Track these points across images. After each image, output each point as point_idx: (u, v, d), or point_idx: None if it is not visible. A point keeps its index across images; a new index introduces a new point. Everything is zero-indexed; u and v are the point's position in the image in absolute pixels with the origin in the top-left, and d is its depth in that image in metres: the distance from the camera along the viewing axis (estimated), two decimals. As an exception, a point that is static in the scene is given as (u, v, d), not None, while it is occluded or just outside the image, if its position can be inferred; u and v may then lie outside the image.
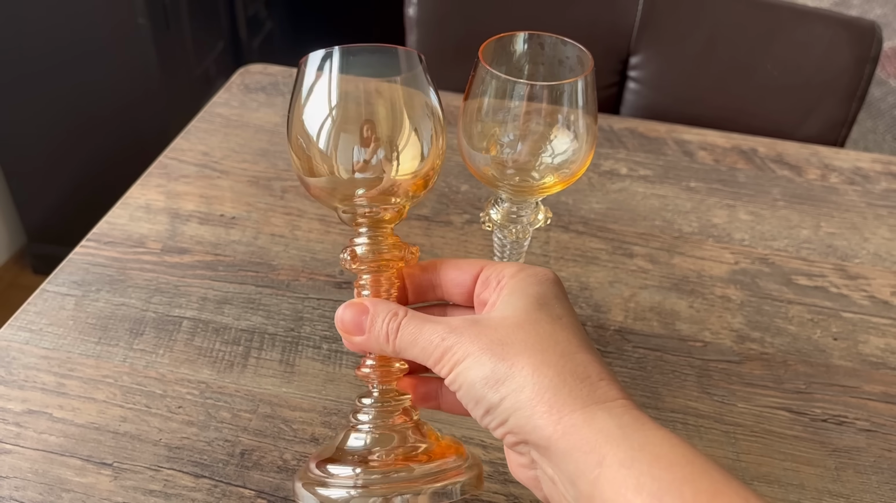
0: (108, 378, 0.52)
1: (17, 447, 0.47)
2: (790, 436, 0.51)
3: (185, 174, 0.70)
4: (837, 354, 0.57)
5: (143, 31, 1.41)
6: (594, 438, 0.30)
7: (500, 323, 0.34)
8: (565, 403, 0.31)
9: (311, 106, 0.37)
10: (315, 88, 0.37)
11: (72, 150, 1.57)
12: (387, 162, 0.37)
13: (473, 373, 0.33)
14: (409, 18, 0.93)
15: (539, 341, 0.33)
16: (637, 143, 0.78)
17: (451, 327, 0.34)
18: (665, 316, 0.59)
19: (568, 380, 0.32)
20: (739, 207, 0.71)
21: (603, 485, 0.29)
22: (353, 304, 0.37)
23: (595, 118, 0.46)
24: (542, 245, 0.65)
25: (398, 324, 0.35)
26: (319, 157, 0.37)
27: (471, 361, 0.33)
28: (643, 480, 0.28)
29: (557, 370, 0.32)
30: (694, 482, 0.28)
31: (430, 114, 0.38)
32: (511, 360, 0.32)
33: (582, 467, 0.30)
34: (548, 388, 0.31)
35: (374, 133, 0.37)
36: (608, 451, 0.29)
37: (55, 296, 0.57)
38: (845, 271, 0.64)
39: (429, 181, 0.39)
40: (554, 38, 0.46)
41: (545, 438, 0.31)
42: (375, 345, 0.36)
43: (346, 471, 0.36)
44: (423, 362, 0.35)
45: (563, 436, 0.30)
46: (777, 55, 0.89)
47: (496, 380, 0.32)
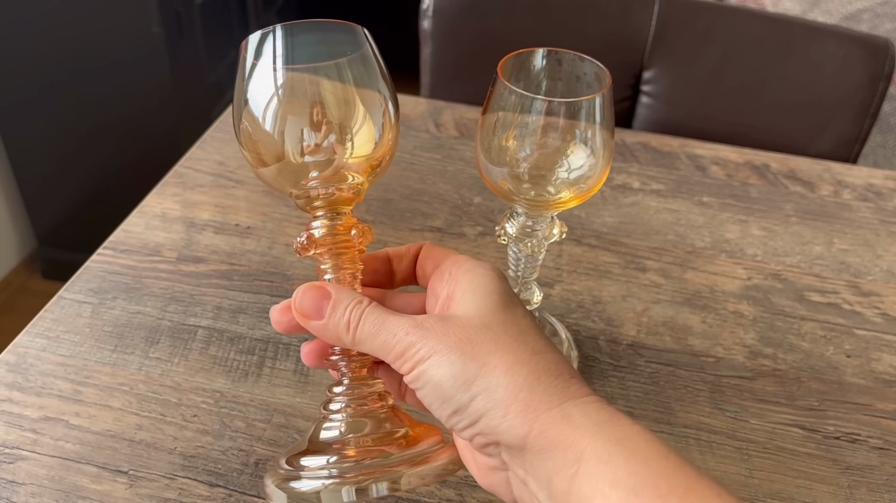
0: (124, 386, 0.52)
1: (33, 454, 0.47)
2: (803, 454, 0.51)
3: (200, 183, 0.71)
4: (850, 372, 0.57)
5: (157, 40, 1.42)
6: (571, 435, 0.30)
7: (466, 321, 0.33)
8: (541, 401, 0.31)
9: (256, 89, 0.35)
10: (258, 71, 0.35)
11: (83, 155, 1.59)
12: (339, 145, 0.35)
13: (441, 371, 0.32)
14: (424, 31, 0.94)
15: (509, 341, 0.32)
16: (650, 158, 0.79)
17: (415, 322, 0.33)
18: (678, 331, 0.59)
19: (542, 378, 0.31)
20: (752, 223, 0.71)
21: (580, 481, 0.29)
22: (314, 287, 0.35)
23: (612, 134, 0.46)
24: (555, 258, 0.65)
25: (361, 313, 0.34)
26: (268, 144, 0.35)
27: (438, 359, 0.32)
28: (620, 474, 0.28)
29: (531, 368, 0.32)
30: (669, 477, 0.28)
31: (381, 93, 0.36)
32: (482, 360, 0.31)
33: (559, 464, 0.30)
34: (522, 387, 0.31)
35: (325, 116, 0.35)
36: (586, 447, 0.29)
37: (72, 303, 0.58)
38: (858, 288, 0.64)
39: (383, 161, 0.37)
40: (572, 54, 0.47)
41: (520, 437, 0.30)
42: (333, 333, 0.34)
43: (318, 461, 0.34)
44: (382, 356, 0.34)
45: (540, 434, 0.30)
46: (790, 71, 0.89)
47: (466, 379, 0.31)
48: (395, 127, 0.37)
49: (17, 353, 0.54)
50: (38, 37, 1.43)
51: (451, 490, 0.47)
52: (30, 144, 1.59)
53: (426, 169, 0.75)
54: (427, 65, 0.96)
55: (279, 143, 0.35)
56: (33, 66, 1.47)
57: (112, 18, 1.40)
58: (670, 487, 0.28)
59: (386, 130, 0.37)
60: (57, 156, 1.59)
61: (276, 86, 0.35)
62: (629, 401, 0.54)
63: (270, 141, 0.35)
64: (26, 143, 1.58)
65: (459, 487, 0.47)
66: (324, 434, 0.36)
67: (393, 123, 0.37)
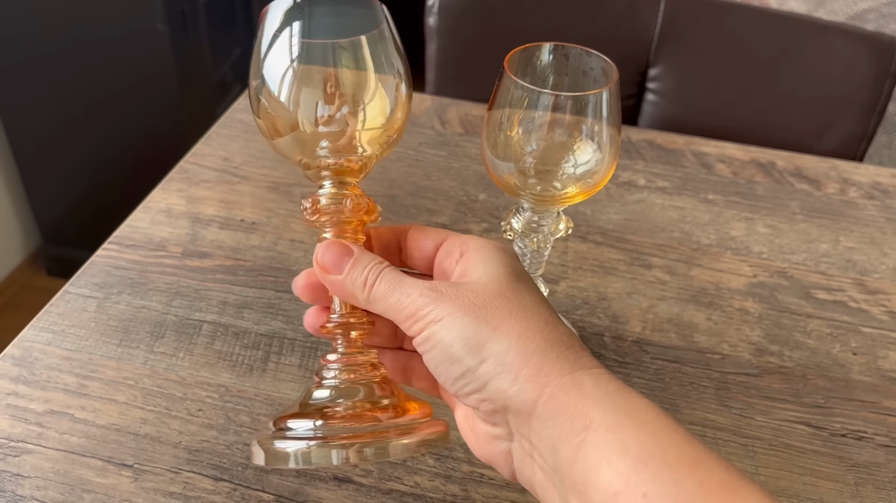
0: (129, 380, 0.52)
1: (38, 447, 0.47)
2: (809, 451, 0.51)
3: (205, 179, 0.71)
4: (857, 369, 0.57)
5: (162, 37, 1.42)
6: (581, 402, 0.29)
7: (481, 288, 0.33)
8: (553, 367, 0.30)
9: (272, 60, 0.35)
10: (276, 43, 0.35)
11: (88, 152, 1.59)
12: (351, 116, 0.35)
13: (452, 332, 0.31)
14: (430, 28, 0.93)
15: (522, 309, 0.32)
16: (655, 155, 0.78)
17: (430, 285, 0.33)
18: (683, 328, 0.59)
19: (554, 347, 0.31)
20: (758, 220, 0.71)
21: (587, 449, 0.28)
22: (338, 244, 0.35)
23: (619, 129, 0.46)
24: (560, 255, 0.65)
25: (379, 272, 0.34)
26: (282, 114, 0.35)
27: (450, 321, 0.32)
28: (628, 444, 0.28)
29: (544, 336, 0.31)
30: (677, 448, 0.28)
31: (395, 68, 0.37)
32: (495, 324, 0.31)
33: (567, 431, 0.29)
34: (534, 353, 0.31)
35: (339, 88, 0.35)
36: (595, 415, 0.29)
37: (77, 297, 0.58)
38: (864, 286, 0.64)
39: (394, 135, 0.38)
40: (579, 49, 0.47)
41: (530, 402, 0.30)
42: (349, 289, 0.34)
43: (306, 424, 0.34)
44: (394, 317, 0.33)
45: (550, 400, 0.30)
46: (797, 69, 0.89)
47: (477, 342, 0.31)
48: (407, 103, 0.38)
49: (23, 347, 0.54)
50: (43, 34, 1.43)
51: (456, 485, 0.47)
52: (34, 141, 1.59)
53: (431, 165, 0.75)
54: (432, 61, 0.96)
55: (293, 114, 0.35)
56: (38, 64, 1.47)
57: (117, 16, 1.40)
58: (679, 458, 0.27)
59: (398, 106, 0.37)
60: (61, 153, 1.60)
61: (292, 57, 0.35)
62: (634, 397, 0.54)
63: (284, 111, 0.35)
64: (31, 140, 1.59)
65: (464, 482, 0.47)
66: (315, 397, 0.36)
67: (405, 100, 0.37)
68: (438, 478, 0.47)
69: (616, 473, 0.27)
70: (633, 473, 0.27)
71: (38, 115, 1.54)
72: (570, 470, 0.29)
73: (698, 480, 0.27)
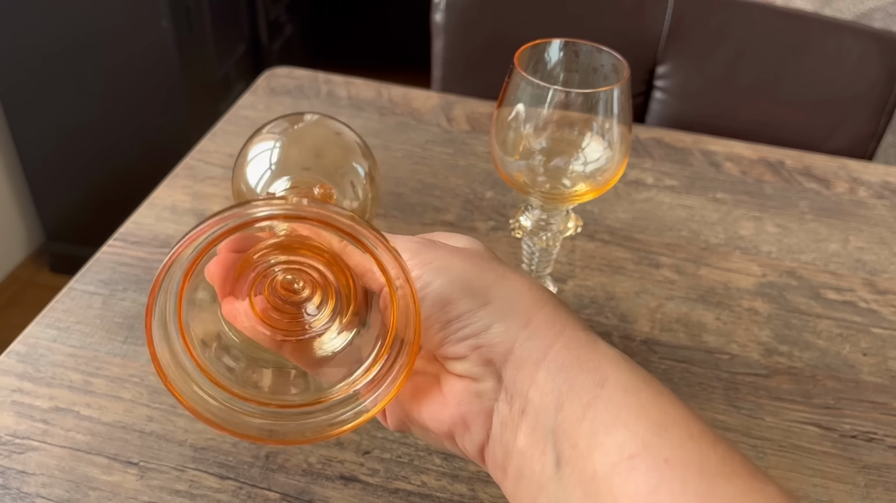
0: (135, 377, 0.52)
1: (44, 444, 0.47)
2: (819, 452, 0.50)
3: (210, 175, 0.70)
4: (867, 370, 0.56)
5: (167, 34, 1.42)
6: (597, 358, 0.28)
7: (473, 251, 0.31)
8: (567, 321, 0.29)
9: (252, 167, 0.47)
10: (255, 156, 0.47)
11: (92, 149, 1.59)
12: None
13: (451, 273, 0.29)
14: (436, 24, 0.93)
15: (520, 271, 0.31)
16: (663, 153, 0.78)
17: (422, 237, 0.32)
18: (692, 327, 0.59)
19: (563, 308, 0.30)
20: (767, 219, 0.70)
21: (599, 407, 0.26)
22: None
23: (629, 127, 0.45)
24: (568, 254, 0.65)
25: None
26: None
27: (444, 263, 0.29)
28: (648, 408, 0.26)
29: (550, 296, 0.30)
30: (698, 423, 0.26)
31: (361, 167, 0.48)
32: (500, 272, 0.30)
33: (579, 386, 0.27)
34: (548, 302, 0.29)
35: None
36: (610, 374, 0.27)
37: (82, 294, 0.58)
38: (874, 286, 0.64)
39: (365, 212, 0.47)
40: (589, 45, 0.46)
41: (540, 349, 0.28)
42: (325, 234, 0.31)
43: None
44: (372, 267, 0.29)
45: (564, 348, 0.28)
46: (806, 67, 0.88)
47: (482, 285, 0.29)
48: (375, 187, 0.47)
49: (28, 344, 0.53)
50: (47, 30, 1.43)
51: (464, 485, 0.46)
52: (38, 138, 1.59)
53: (438, 163, 0.74)
54: (439, 58, 0.95)
55: None
56: (42, 60, 1.47)
57: (122, 12, 1.40)
58: (700, 432, 0.26)
59: (367, 192, 0.46)
60: (65, 150, 1.59)
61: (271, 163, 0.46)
62: (643, 397, 0.53)
63: None
64: (35, 137, 1.59)
65: (472, 482, 0.47)
66: None
67: (373, 186, 0.47)
68: (445, 478, 0.47)
69: (633, 435, 0.26)
70: (653, 437, 0.25)
71: (42, 111, 1.54)
72: (575, 429, 0.27)
73: (720, 456, 0.25)
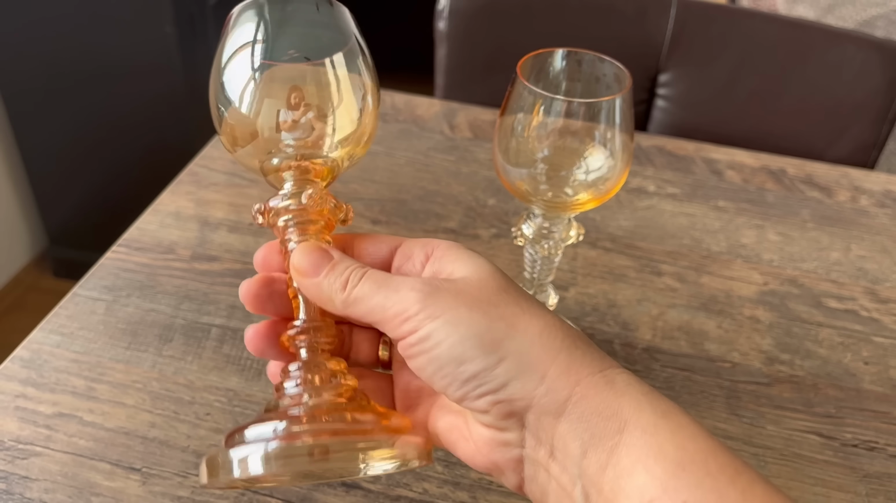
0: (138, 383, 0.52)
1: (47, 450, 0.47)
2: (820, 461, 0.50)
3: (214, 182, 0.71)
4: (868, 379, 0.56)
5: (170, 40, 1.42)
6: (616, 402, 0.27)
7: (481, 283, 0.30)
8: (582, 364, 0.28)
9: (233, 72, 0.34)
10: (237, 55, 0.34)
11: (95, 155, 1.59)
12: (317, 120, 0.34)
13: (460, 330, 0.28)
14: (440, 32, 0.93)
15: (532, 306, 0.30)
16: (665, 161, 0.78)
17: (423, 279, 0.30)
18: (693, 335, 0.59)
19: (578, 343, 0.29)
20: (768, 228, 0.70)
21: (621, 452, 0.27)
22: (319, 249, 0.32)
23: (631, 136, 0.46)
24: (570, 261, 0.65)
25: (363, 273, 0.31)
26: (244, 125, 0.34)
27: (454, 316, 0.28)
28: (666, 447, 0.26)
29: (566, 332, 0.29)
30: (717, 456, 0.26)
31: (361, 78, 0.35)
32: (509, 320, 0.29)
33: (600, 434, 0.27)
34: (561, 349, 0.28)
35: (303, 99, 0.33)
36: (630, 417, 0.27)
37: (86, 300, 0.58)
38: (876, 295, 0.64)
39: (360, 143, 0.36)
40: (591, 55, 0.46)
41: (559, 402, 0.28)
42: (325, 293, 0.31)
43: (264, 429, 0.29)
44: (379, 317, 0.30)
45: (583, 399, 0.28)
46: (807, 76, 0.89)
47: (493, 339, 0.28)
48: (374, 112, 0.36)
49: (32, 350, 0.54)
50: (51, 36, 1.43)
51: (465, 492, 0.47)
52: (42, 143, 1.59)
53: (440, 170, 0.74)
54: (442, 66, 0.96)
55: (253, 123, 0.34)
56: (46, 65, 1.47)
57: (126, 19, 1.41)
58: (719, 466, 0.26)
59: (365, 114, 0.35)
60: (69, 155, 1.60)
61: (253, 69, 0.33)
62: (644, 405, 0.53)
63: (246, 122, 0.34)
64: (39, 142, 1.59)
65: (473, 490, 0.47)
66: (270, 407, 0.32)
67: (371, 110, 0.36)
68: (447, 485, 0.47)
69: (652, 478, 0.26)
70: (671, 478, 0.26)
71: (46, 115, 1.55)
72: (599, 476, 0.27)
73: (740, 490, 0.25)
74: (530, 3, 0.91)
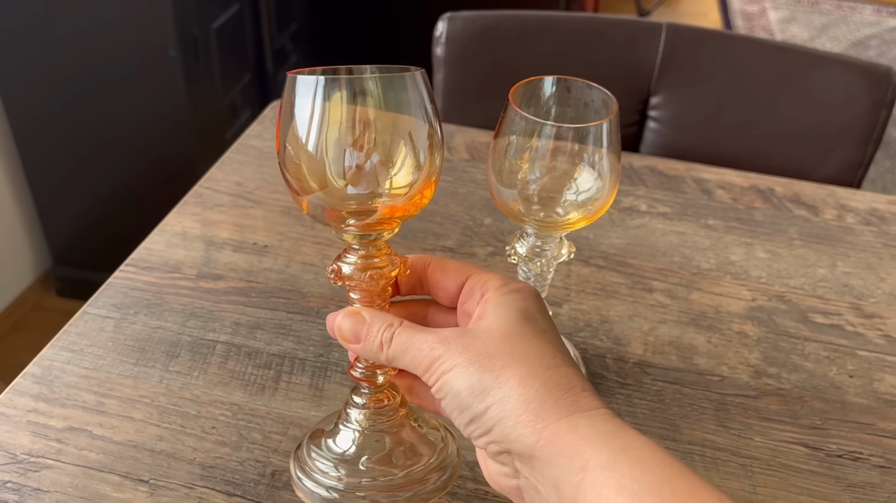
0: (146, 398, 0.54)
1: (58, 462, 0.49)
2: (806, 471, 0.52)
3: (219, 203, 0.73)
4: (853, 391, 0.58)
5: (174, 63, 1.45)
6: (578, 444, 0.31)
7: (487, 335, 0.35)
8: (550, 412, 0.33)
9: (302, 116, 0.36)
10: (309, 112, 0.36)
11: (99, 175, 1.62)
12: (381, 167, 0.36)
13: (460, 382, 0.34)
14: (437, 57, 0.96)
15: (525, 354, 0.35)
16: (656, 181, 0.80)
17: (440, 338, 0.36)
18: (683, 350, 0.61)
19: (552, 391, 0.33)
20: (757, 245, 0.73)
21: (586, 488, 0.31)
22: (350, 314, 0.39)
23: (619, 157, 0.48)
24: (564, 278, 0.67)
25: (392, 334, 0.37)
26: (311, 167, 0.36)
27: (458, 371, 0.34)
28: (624, 481, 0.30)
29: (543, 381, 0.34)
30: (672, 483, 0.30)
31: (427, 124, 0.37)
32: (497, 372, 0.34)
33: (566, 472, 0.31)
34: (533, 399, 0.33)
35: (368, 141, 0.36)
36: (591, 456, 0.31)
37: (95, 318, 0.60)
38: (861, 310, 0.66)
39: (424, 192, 0.39)
40: (580, 82, 0.49)
41: (529, 446, 0.32)
42: (370, 354, 0.38)
43: (331, 471, 0.41)
44: (413, 371, 0.37)
45: (548, 444, 0.32)
46: (795, 99, 0.91)
47: (482, 390, 0.34)
48: (437, 163, 0.38)
49: (43, 366, 0.56)
50: (57, 58, 1.46)
51: (462, 502, 0.48)
52: (47, 163, 1.62)
53: (438, 190, 0.77)
54: (439, 90, 0.98)
55: (321, 166, 0.36)
56: (51, 86, 1.50)
57: (131, 41, 1.44)
58: (673, 493, 0.29)
59: (428, 162, 0.38)
60: (73, 175, 1.63)
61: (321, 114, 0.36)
62: (636, 418, 0.55)
63: (313, 164, 0.36)
64: (44, 162, 1.62)
65: (470, 499, 0.48)
66: (340, 436, 0.43)
67: (437, 163, 0.38)
68: (445, 496, 0.48)
69: None
70: None
71: (52, 137, 1.57)
72: None
73: None
74: (525, 28, 0.94)
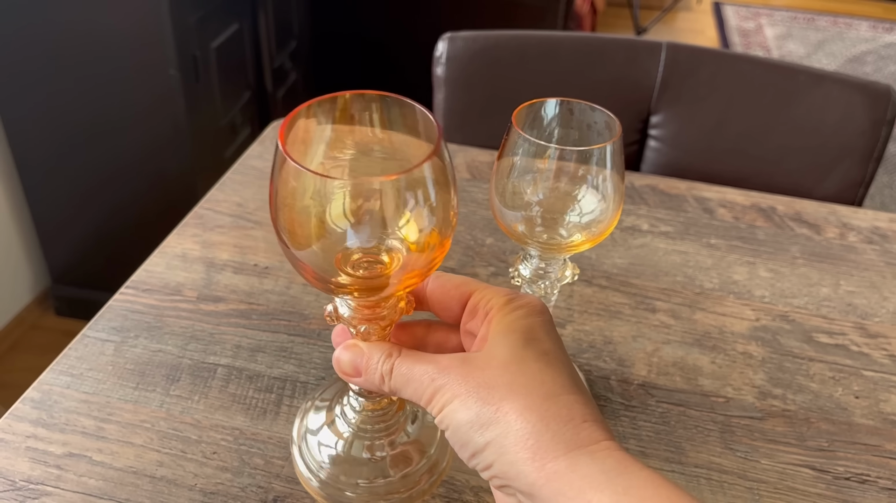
0: (146, 423, 0.53)
1: (57, 489, 0.48)
2: (813, 494, 0.51)
3: (220, 224, 0.73)
4: (859, 412, 0.58)
5: (174, 82, 1.46)
6: (578, 484, 0.31)
7: (487, 363, 0.35)
8: (548, 449, 0.32)
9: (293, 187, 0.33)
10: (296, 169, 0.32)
11: (98, 194, 1.62)
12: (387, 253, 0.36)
13: (460, 415, 0.34)
14: (437, 77, 0.96)
15: (525, 383, 0.34)
16: (658, 200, 0.80)
17: (440, 367, 0.35)
18: (688, 371, 0.60)
19: (551, 425, 0.32)
20: (759, 264, 0.72)
21: None
22: (349, 348, 0.38)
23: (622, 179, 0.48)
24: (567, 299, 0.66)
25: (391, 365, 0.37)
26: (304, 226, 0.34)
27: (458, 404, 0.34)
28: None
29: (540, 415, 0.33)
30: None
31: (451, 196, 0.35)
32: (496, 405, 0.33)
33: None
34: (531, 434, 0.32)
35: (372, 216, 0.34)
36: (593, 497, 0.30)
37: (95, 341, 0.59)
38: (865, 330, 0.65)
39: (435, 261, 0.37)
40: (583, 104, 0.49)
41: (529, 485, 0.32)
42: (372, 387, 0.38)
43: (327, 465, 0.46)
44: (416, 402, 0.36)
45: (547, 483, 0.31)
46: (794, 117, 0.91)
47: (481, 423, 0.33)
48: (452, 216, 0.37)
49: (42, 391, 0.55)
50: (57, 78, 1.47)
51: (466, 528, 0.48)
52: (46, 183, 1.62)
53: (439, 211, 0.76)
54: (440, 109, 0.98)
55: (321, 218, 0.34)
56: (52, 106, 1.51)
57: (130, 61, 1.44)
58: None
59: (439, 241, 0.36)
60: (72, 194, 1.63)
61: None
62: (641, 440, 0.54)
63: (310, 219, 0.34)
64: (42, 181, 1.62)
65: None
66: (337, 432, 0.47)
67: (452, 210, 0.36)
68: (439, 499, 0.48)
69: None
70: None
71: (51, 157, 1.57)
72: None
73: None
74: (525, 48, 0.94)
